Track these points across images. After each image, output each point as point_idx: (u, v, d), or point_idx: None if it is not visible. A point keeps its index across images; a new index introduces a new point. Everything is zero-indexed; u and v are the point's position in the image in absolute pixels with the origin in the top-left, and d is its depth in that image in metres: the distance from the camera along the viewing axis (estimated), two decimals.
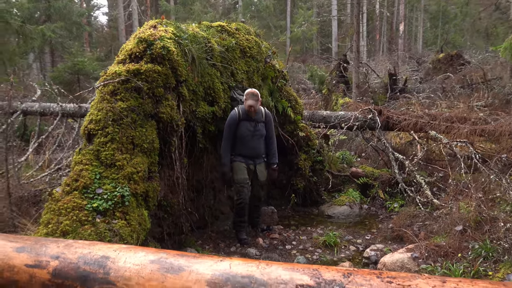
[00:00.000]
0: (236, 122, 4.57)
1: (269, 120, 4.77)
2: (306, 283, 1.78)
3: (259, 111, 4.66)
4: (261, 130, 4.67)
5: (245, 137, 4.60)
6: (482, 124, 5.90)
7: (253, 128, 4.61)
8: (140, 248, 2.28)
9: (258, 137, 4.66)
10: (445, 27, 32.23)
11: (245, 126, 4.59)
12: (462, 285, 1.61)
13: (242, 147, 4.64)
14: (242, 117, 4.58)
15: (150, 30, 4.18)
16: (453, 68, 16.62)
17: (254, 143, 4.65)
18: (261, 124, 4.67)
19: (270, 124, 4.78)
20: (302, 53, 28.02)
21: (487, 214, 3.97)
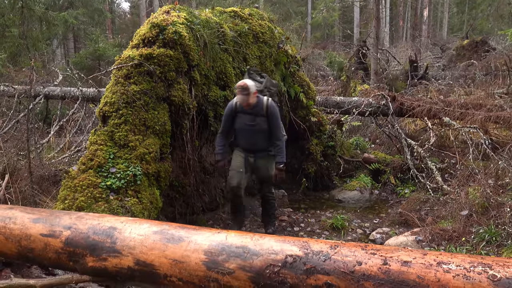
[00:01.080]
0: (232, 114, 4.22)
1: (272, 113, 4.16)
2: (295, 253, 1.89)
3: (259, 103, 4.16)
4: (261, 124, 4.17)
5: (242, 131, 4.26)
6: (497, 111, 5.82)
7: (251, 122, 4.17)
8: (145, 221, 2.43)
9: (257, 131, 4.20)
10: (471, 13, 31.25)
11: (242, 120, 4.21)
12: (442, 257, 1.69)
13: (240, 140, 4.33)
14: (239, 109, 4.17)
15: (163, 16, 4.29)
16: (478, 55, 16.19)
17: (253, 137, 4.23)
18: (260, 118, 4.16)
19: (273, 118, 4.17)
20: (323, 40, 27.71)
21: (494, 200, 3.98)
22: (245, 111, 4.14)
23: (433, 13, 34.99)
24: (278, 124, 4.20)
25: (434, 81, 11.77)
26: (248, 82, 4.05)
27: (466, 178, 4.69)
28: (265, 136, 4.22)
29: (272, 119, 4.16)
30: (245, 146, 4.31)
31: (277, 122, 4.18)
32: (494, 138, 6.05)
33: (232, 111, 4.21)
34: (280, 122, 4.23)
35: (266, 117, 4.15)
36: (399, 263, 1.70)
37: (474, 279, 1.57)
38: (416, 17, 30.98)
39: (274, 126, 4.18)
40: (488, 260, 1.65)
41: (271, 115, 4.16)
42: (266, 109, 4.14)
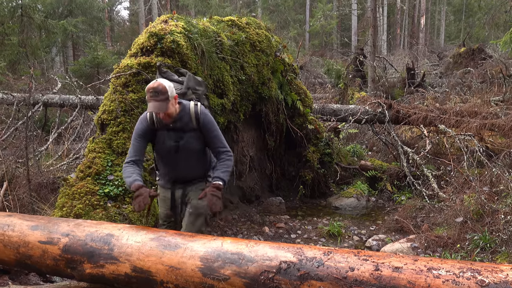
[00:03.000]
0: (146, 132, 2.85)
1: (206, 123, 2.87)
2: (289, 259, 1.92)
3: (184, 112, 2.85)
4: (191, 142, 2.87)
5: (165, 154, 2.93)
6: (492, 119, 5.88)
7: (176, 142, 2.86)
8: (142, 228, 2.46)
9: (186, 153, 2.89)
10: (468, 21, 31.53)
11: (162, 140, 2.88)
12: (432, 263, 1.72)
13: (163, 167, 3.02)
14: (157, 124, 2.84)
15: (161, 25, 4.35)
16: (474, 62, 16.31)
17: (181, 162, 2.93)
18: (189, 133, 2.86)
19: (209, 129, 2.88)
20: (321, 47, 27.88)
21: (489, 207, 4.02)
22: (166, 127, 2.81)
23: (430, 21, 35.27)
24: (218, 135, 2.91)
25: (430, 89, 11.85)
26: (163, 81, 2.77)
27: (461, 185, 4.74)
28: (199, 158, 2.97)
29: (208, 131, 2.87)
30: (171, 176, 2.99)
31: (216, 133, 2.90)
32: (489, 145, 6.11)
33: (146, 128, 2.84)
34: (220, 132, 2.95)
35: (199, 130, 2.87)
36: (391, 268, 1.74)
37: (463, 284, 1.61)
38: (413, 25, 31.23)
39: (213, 138, 2.89)
40: (477, 265, 1.68)
41: (205, 126, 2.87)
42: (197, 118, 2.85)
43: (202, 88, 3.32)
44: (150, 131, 2.86)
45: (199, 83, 3.31)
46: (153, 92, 2.70)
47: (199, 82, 3.33)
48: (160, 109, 2.70)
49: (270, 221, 5.16)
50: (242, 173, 5.65)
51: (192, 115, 2.87)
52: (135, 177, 2.72)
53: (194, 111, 2.86)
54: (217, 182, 2.76)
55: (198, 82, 3.32)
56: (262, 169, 6.00)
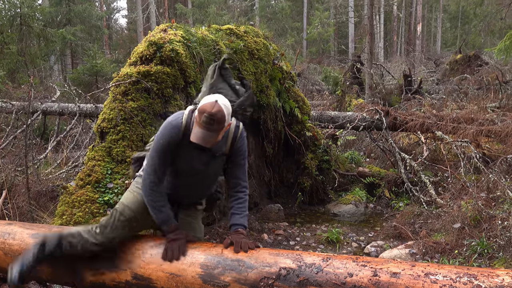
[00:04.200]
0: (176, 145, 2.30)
1: (240, 150, 2.44)
2: (289, 266, 1.95)
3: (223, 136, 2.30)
4: (217, 169, 2.48)
5: (184, 175, 2.42)
6: (489, 125, 5.93)
7: (204, 165, 2.38)
8: (141, 235, 2.48)
9: (207, 178, 2.49)
10: (464, 28, 31.82)
11: (190, 158, 2.35)
12: (429, 268, 1.75)
13: (171, 186, 2.43)
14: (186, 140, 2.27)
15: (160, 34, 4.40)
16: (471, 69, 16.45)
17: (196, 186, 2.49)
18: (219, 158, 2.40)
19: (238, 156, 2.44)
20: (319, 55, 28.07)
21: (486, 213, 4.05)
22: (196, 145, 2.22)
23: (427, 28, 35.58)
24: (244, 164, 2.49)
25: (427, 96, 11.94)
26: (224, 105, 2.17)
27: (459, 191, 4.77)
28: (212, 183, 2.59)
29: (238, 157, 2.43)
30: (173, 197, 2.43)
31: (244, 162, 2.48)
32: (486, 151, 6.15)
33: (177, 141, 2.29)
34: (246, 162, 2.53)
35: (229, 156, 2.43)
36: (389, 274, 1.76)
37: None
38: (410, 32, 31.47)
39: (237, 166, 2.45)
40: (473, 270, 1.71)
41: (237, 152, 2.42)
42: (232, 144, 2.39)
43: (251, 109, 2.58)
44: (179, 144, 2.28)
45: (252, 103, 2.57)
46: (209, 119, 2.09)
47: (254, 102, 2.60)
48: (209, 141, 2.16)
49: (269, 228, 5.18)
50: None
51: (229, 139, 2.36)
52: (168, 212, 2.29)
53: (233, 135, 2.35)
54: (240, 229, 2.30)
55: (253, 102, 2.57)
56: (260, 176, 6.02)
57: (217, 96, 2.20)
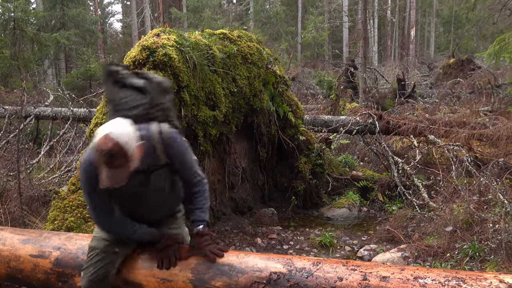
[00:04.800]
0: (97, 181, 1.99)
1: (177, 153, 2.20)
2: (279, 270, 1.95)
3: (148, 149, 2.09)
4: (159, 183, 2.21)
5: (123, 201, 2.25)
6: (480, 129, 5.98)
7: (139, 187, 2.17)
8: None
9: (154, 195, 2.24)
10: (457, 32, 32.09)
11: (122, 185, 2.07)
12: (419, 272, 1.76)
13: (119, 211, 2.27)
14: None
15: (153, 38, 4.41)
16: (464, 73, 16.58)
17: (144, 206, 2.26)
18: (158, 172, 2.19)
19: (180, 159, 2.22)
20: (313, 59, 28.18)
21: (478, 216, 4.07)
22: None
23: (420, 33, 35.84)
24: (190, 161, 2.26)
25: (420, 99, 12.01)
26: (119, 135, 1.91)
27: (451, 195, 4.80)
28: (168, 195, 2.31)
29: (180, 161, 2.22)
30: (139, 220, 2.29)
31: (189, 160, 2.25)
32: (479, 155, 6.20)
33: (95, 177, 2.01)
34: (193, 157, 2.30)
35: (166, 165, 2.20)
36: (378, 278, 1.77)
37: None
38: (404, 36, 31.69)
39: (184, 168, 2.24)
40: (462, 274, 1.72)
41: (175, 156, 2.19)
42: (166, 152, 2.16)
43: (168, 95, 2.34)
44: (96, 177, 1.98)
45: (164, 91, 2.32)
46: (107, 157, 1.86)
47: (165, 88, 2.32)
48: (120, 179, 1.92)
49: (262, 232, 5.18)
50: (235, 185, 5.67)
51: (159, 149, 2.11)
52: (142, 229, 2.23)
53: (162, 144, 2.10)
54: (200, 228, 2.12)
55: (164, 89, 2.32)
56: (254, 180, 6.02)
57: (108, 126, 1.93)
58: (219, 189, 5.55)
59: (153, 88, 2.27)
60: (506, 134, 5.55)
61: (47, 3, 15.49)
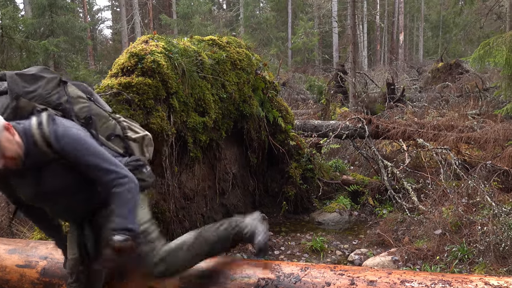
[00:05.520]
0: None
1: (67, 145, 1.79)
2: (267, 276, 1.95)
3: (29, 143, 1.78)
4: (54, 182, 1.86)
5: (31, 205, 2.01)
6: (468, 132, 6.05)
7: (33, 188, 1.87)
8: None
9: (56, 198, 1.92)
10: (445, 37, 32.50)
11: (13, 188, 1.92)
12: (405, 276, 1.77)
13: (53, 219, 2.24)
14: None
15: (141, 45, 4.40)
16: (452, 77, 16.78)
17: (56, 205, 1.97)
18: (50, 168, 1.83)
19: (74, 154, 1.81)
20: (303, 64, 28.33)
21: (466, 218, 4.11)
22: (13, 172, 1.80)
23: (409, 37, 36.23)
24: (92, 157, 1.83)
25: (409, 103, 12.13)
26: None
27: (440, 198, 4.83)
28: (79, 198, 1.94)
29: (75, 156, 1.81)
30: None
31: (88, 155, 1.82)
32: (467, 158, 6.26)
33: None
34: (96, 148, 1.87)
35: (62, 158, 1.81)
36: (366, 282, 1.78)
37: None
38: (393, 41, 32.03)
39: (88, 168, 1.84)
40: (448, 277, 1.73)
41: (70, 155, 1.80)
42: (47, 143, 1.78)
43: (40, 83, 1.92)
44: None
45: (32, 79, 1.91)
46: None
47: (32, 76, 1.92)
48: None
49: None
50: (225, 191, 5.66)
51: (40, 144, 1.75)
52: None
53: (39, 134, 1.75)
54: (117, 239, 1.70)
55: (31, 77, 1.92)
56: (245, 186, 6.02)
57: None
58: (210, 195, 5.53)
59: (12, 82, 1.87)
60: (493, 137, 5.62)
61: (36, 10, 15.40)
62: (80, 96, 2.06)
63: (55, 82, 1.97)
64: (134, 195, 1.83)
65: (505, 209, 4.02)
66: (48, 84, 1.94)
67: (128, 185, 1.82)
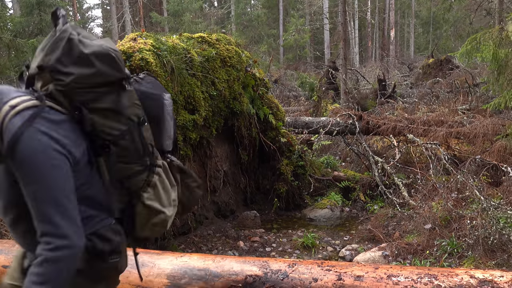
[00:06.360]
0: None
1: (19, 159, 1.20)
2: (255, 273, 1.94)
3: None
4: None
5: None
6: (458, 127, 6.09)
7: None
8: None
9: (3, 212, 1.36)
10: (436, 33, 32.68)
11: None
12: (392, 270, 1.77)
13: None
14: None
15: (129, 43, 4.37)
16: (443, 72, 16.87)
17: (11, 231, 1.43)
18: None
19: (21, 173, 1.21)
20: (295, 61, 28.34)
21: (455, 213, 4.14)
22: None
23: (400, 34, 36.41)
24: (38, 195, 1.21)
25: (400, 99, 12.18)
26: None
27: (429, 192, 4.86)
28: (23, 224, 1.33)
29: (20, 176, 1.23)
30: None
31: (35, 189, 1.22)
32: (457, 153, 6.30)
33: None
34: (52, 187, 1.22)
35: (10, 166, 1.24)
36: (352, 278, 1.78)
37: None
38: (384, 37, 32.13)
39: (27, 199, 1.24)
40: (434, 271, 1.74)
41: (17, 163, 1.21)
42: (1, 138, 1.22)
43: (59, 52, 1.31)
44: None
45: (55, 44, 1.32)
46: None
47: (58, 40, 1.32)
48: None
49: (245, 235, 5.16)
50: (217, 188, 5.65)
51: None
52: None
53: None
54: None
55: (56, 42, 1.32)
56: (236, 183, 6.01)
57: None
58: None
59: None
60: (482, 131, 5.67)
61: (24, 8, 15.23)
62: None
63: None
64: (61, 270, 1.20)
65: (494, 203, 4.05)
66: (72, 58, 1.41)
67: (60, 252, 1.20)
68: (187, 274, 2.05)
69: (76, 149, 1.27)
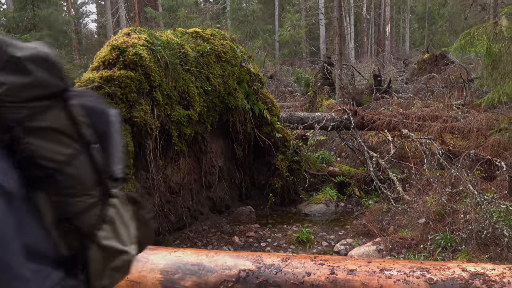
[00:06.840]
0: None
1: None
2: (248, 268, 1.95)
3: None
4: None
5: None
6: (452, 122, 6.11)
7: None
8: None
9: None
10: (431, 28, 32.72)
11: None
12: (385, 264, 1.78)
13: None
14: None
15: (123, 38, 4.34)
16: (438, 68, 16.88)
17: None
18: None
19: None
20: (291, 56, 28.28)
21: (449, 207, 4.16)
22: None
23: (396, 29, 36.41)
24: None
25: (395, 95, 12.20)
26: None
27: (424, 187, 4.88)
28: None
29: None
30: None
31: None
32: (451, 148, 6.32)
33: None
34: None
35: None
36: (345, 271, 1.78)
37: (413, 283, 1.67)
38: (380, 33, 32.16)
39: None
40: (426, 264, 1.75)
41: None
42: None
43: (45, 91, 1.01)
44: None
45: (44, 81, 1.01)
46: None
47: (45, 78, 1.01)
48: None
49: (240, 230, 5.17)
50: (212, 184, 5.64)
51: None
52: None
53: None
54: None
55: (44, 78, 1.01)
56: (231, 179, 6.01)
57: None
58: (196, 188, 5.51)
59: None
60: (476, 126, 5.69)
61: (17, 3, 15.10)
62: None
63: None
64: None
65: (487, 197, 4.07)
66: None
67: None
68: (180, 269, 2.05)
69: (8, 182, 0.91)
